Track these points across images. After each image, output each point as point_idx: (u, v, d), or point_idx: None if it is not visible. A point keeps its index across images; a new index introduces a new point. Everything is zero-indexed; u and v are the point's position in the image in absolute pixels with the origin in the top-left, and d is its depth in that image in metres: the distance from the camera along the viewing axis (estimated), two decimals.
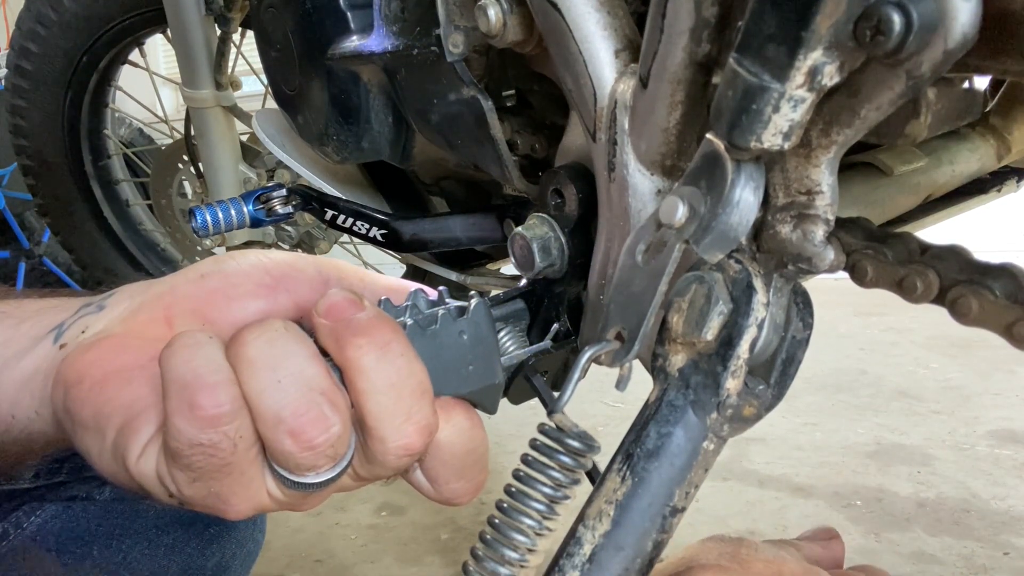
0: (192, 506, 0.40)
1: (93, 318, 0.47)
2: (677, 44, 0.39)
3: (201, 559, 0.77)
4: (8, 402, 0.47)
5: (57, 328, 0.47)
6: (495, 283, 0.79)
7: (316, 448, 0.37)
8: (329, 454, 0.38)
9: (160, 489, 0.40)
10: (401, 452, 0.39)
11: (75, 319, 0.47)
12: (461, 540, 1.35)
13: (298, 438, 0.37)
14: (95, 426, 0.41)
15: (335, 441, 0.38)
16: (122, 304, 0.47)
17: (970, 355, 1.95)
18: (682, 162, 0.44)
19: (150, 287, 0.47)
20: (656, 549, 0.42)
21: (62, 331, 0.47)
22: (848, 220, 0.45)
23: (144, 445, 0.40)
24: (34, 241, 2.66)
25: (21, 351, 0.47)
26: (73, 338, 0.46)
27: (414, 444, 0.40)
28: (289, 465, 0.38)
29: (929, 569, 1.20)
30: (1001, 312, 0.38)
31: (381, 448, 0.39)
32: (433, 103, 0.61)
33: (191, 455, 0.37)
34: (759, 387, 0.42)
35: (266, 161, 1.18)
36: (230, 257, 0.48)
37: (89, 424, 0.41)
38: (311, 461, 0.38)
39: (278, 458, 0.38)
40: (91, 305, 0.48)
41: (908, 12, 0.28)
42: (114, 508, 0.73)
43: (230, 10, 1.07)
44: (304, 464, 0.38)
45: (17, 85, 1.41)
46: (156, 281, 0.48)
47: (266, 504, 0.41)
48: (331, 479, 0.39)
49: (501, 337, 0.51)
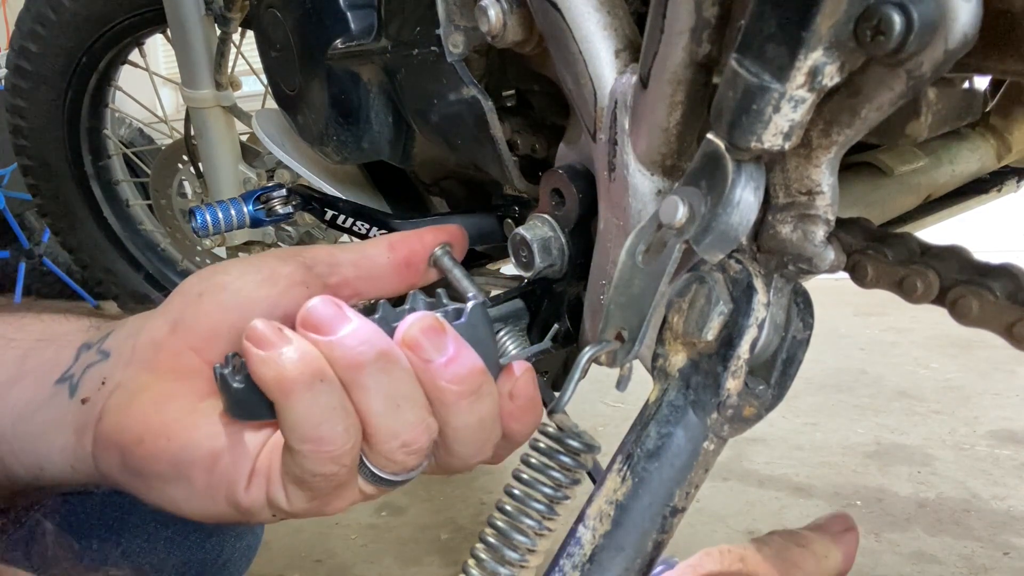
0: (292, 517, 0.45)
1: (105, 367, 0.47)
2: (677, 44, 0.39)
3: (200, 552, 0.77)
4: (32, 454, 0.48)
5: (66, 379, 0.48)
6: (495, 283, 0.79)
7: (421, 452, 0.42)
8: (426, 454, 0.43)
9: (268, 512, 0.44)
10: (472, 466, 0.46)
11: (82, 369, 0.48)
12: (461, 540, 1.35)
13: (409, 447, 0.42)
14: (178, 475, 0.43)
15: (431, 443, 0.43)
16: (128, 345, 0.47)
17: (970, 355, 1.95)
18: (682, 162, 0.44)
19: (148, 320, 0.48)
20: (656, 549, 0.42)
21: (74, 384, 0.47)
22: (848, 220, 0.45)
23: (248, 477, 0.43)
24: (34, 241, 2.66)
25: (33, 401, 0.48)
26: (93, 391, 0.46)
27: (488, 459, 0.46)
28: (392, 468, 0.42)
29: (929, 569, 1.20)
30: (1001, 312, 0.38)
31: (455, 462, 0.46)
32: (433, 103, 0.61)
33: (314, 482, 0.41)
34: (759, 387, 0.42)
35: (266, 161, 1.18)
36: (215, 271, 0.49)
37: (170, 475, 0.43)
38: (415, 462, 0.43)
39: (384, 464, 0.42)
40: (91, 349, 0.49)
41: (909, 12, 0.28)
42: (112, 502, 0.73)
43: (230, 10, 1.07)
44: (408, 466, 0.43)
45: (17, 85, 1.41)
46: (152, 314, 0.49)
47: (356, 501, 0.45)
48: (417, 473, 0.44)
49: (501, 337, 0.51)
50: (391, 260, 0.51)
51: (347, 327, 0.40)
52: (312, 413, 0.39)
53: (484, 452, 0.45)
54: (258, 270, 0.48)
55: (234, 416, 0.42)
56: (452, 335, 0.42)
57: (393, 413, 0.40)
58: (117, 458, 0.44)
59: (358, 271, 0.51)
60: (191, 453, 0.42)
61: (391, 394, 0.40)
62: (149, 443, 0.43)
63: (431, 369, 0.41)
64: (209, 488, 0.43)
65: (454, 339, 0.42)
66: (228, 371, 0.41)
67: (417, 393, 0.41)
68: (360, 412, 0.41)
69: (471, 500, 1.48)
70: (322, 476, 0.41)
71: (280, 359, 0.39)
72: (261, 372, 0.39)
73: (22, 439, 0.48)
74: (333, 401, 0.40)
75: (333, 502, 0.44)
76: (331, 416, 0.40)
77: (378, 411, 0.40)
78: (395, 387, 0.40)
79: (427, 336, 0.41)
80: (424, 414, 0.41)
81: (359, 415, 0.41)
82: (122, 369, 0.46)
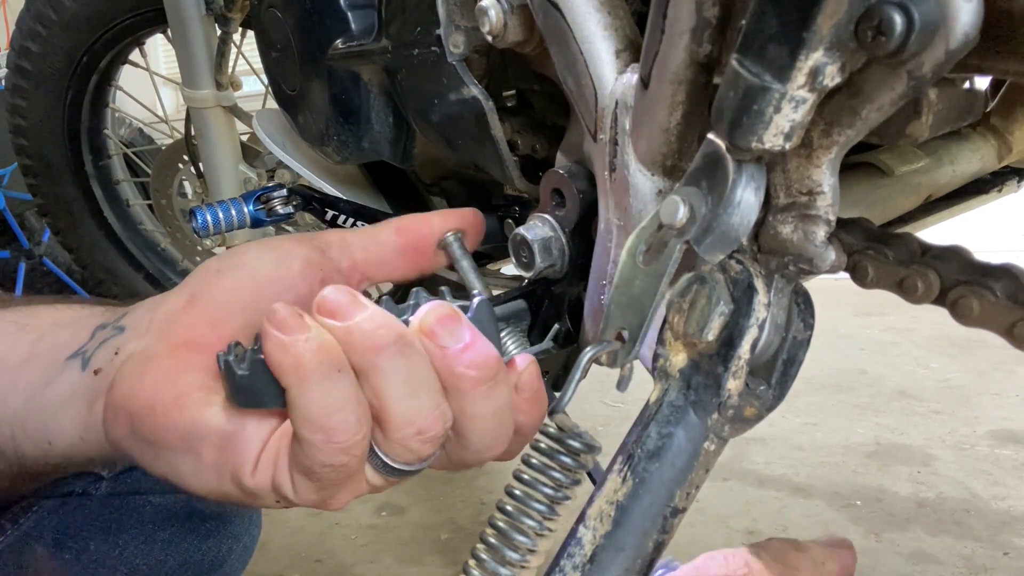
0: (298, 505, 0.44)
1: (119, 339, 0.47)
2: (678, 44, 0.39)
3: (198, 554, 0.77)
4: (41, 430, 0.48)
5: (79, 354, 0.48)
6: (495, 283, 0.79)
7: (435, 440, 0.41)
8: (439, 443, 0.42)
9: (272, 497, 0.43)
10: (484, 460, 0.45)
11: (96, 344, 0.48)
12: (461, 540, 1.35)
13: (424, 435, 0.41)
14: (186, 447, 0.43)
15: (445, 432, 0.42)
16: (144, 320, 0.47)
17: (970, 355, 1.95)
18: (683, 162, 0.44)
19: (166, 299, 0.48)
20: (657, 550, 0.42)
21: (87, 357, 0.47)
22: (849, 220, 0.45)
23: (256, 460, 0.43)
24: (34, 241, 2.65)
25: (44, 378, 0.48)
26: (106, 362, 0.46)
27: (500, 454, 0.45)
28: (406, 457, 0.42)
29: (929, 569, 1.20)
30: (1002, 313, 0.38)
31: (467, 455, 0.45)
32: (434, 103, 0.61)
33: (323, 472, 0.41)
34: (760, 387, 0.42)
35: (266, 161, 1.18)
36: (233, 252, 0.50)
37: (179, 447, 0.43)
38: (428, 451, 0.42)
39: (398, 453, 0.42)
40: (106, 327, 0.48)
41: (909, 12, 0.28)
42: (110, 503, 0.73)
43: (230, 10, 1.07)
44: (422, 455, 0.42)
45: (17, 85, 1.41)
46: (170, 292, 0.49)
47: (362, 493, 0.45)
48: (427, 464, 0.43)
49: (502, 337, 0.51)
50: (399, 244, 0.52)
51: (363, 312, 0.40)
52: (326, 403, 0.39)
53: (498, 446, 0.44)
54: (274, 251, 0.49)
55: (236, 403, 0.42)
56: (467, 323, 0.42)
57: (410, 398, 0.40)
58: (127, 425, 0.44)
59: (367, 254, 0.51)
60: (201, 428, 0.42)
61: (409, 378, 0.40)
62: (160, 413, 0.42)
63: (448, 355, 0.41)
64: (216, 466, 0.43)
65: (469, 328, 0.41)
66: (232, 358, 0.41)
67: (433, 379, 0.41)
68: (376, 397, 0.40)
69: (471, 500, 1.48)
70: (331, 467, 0.41)
71: (299, 345, 0.38)
72: (278, 357, 0.39)
73: (34, 415, 0.48)
74: (348, 391, 0.40)
75: (339, 494, 0.43)
76: (344, 406, 0.39)
77: (395, 396, 0.40)
78: (412, 371, 0.40)
79: (443, 324, 0.41)
80: (440, 400, 0.41)
81: (375, 401, 0.40)
82: (136, 340, 0.46)
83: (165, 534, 0.76)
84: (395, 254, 0.52)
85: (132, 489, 0.74)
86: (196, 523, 0.78)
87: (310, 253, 0.49)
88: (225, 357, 0.41)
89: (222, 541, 0.80)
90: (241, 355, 0.42)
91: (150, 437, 0.43)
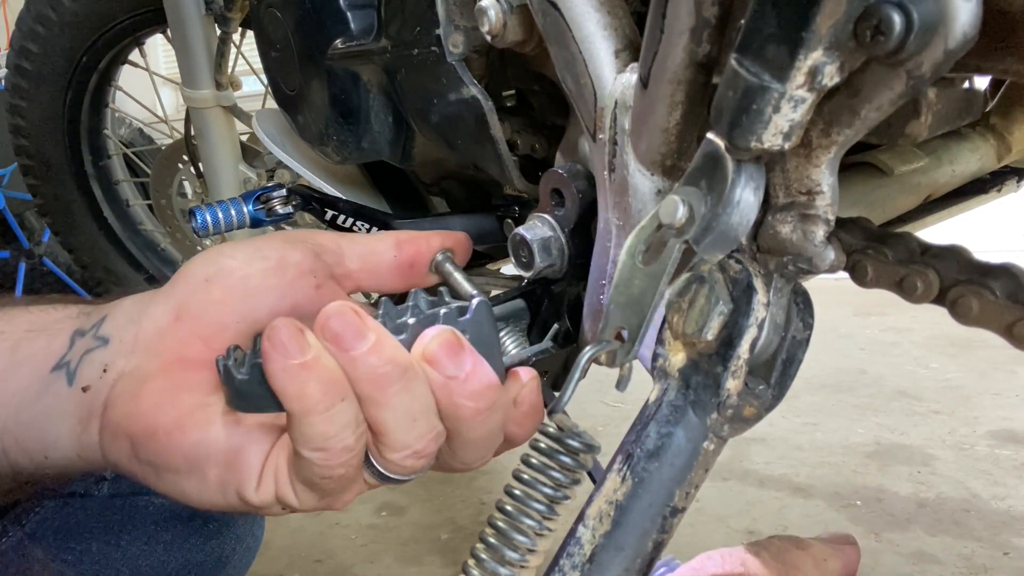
0: (303, 511, 0.45)
1: (104, 354, 0.46)
2: (677, 44, 0.39)
3: (200, 554, 0.77)
4: (35, 442, 0.48)
5: (62, 366, 0.47)
6: (495, 283, 0.79)
7: (429, 457, 0.43)
8: (433, 457, 0.43)
9: (277, 507, 0.44)
10: (472, 469, 0.47)
11: (78, 356, 0.47)
12: (461, 540, 1.35)
13: (419, 455, 0.42)
14: (191, 469, 0.43)
15: (439, 446, 0.43)
16: (129, 332, 0.46)
17: (970, 355, 1.95)
18: (682, 162, 0.44)
19: (149, 306, 0.47)
20: (656, 549, 0.42)
21: (72, 371, 0.47)
22: (848, 220, 0.45)
23: (259, 476, 0.43)
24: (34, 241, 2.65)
25: (29, 393, 0.47)
26: (94, 379, 0.46)
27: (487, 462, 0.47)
28: (400, 472, 0.43)
29: (929, 569, 1.20)
30: (1001, 312, 0.38)
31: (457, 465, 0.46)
32: (433, 103, 0.61)
33: (323, 483, 0.42)
34: (759, 387, 0.42)
35: (266, 161, 1.18)
36: (220, 254, 0.48)
37: (183, 468, 0.43)
38: (422, 466, 0.43)
39: (392, 468, 0.43)
40: (85, 335, 0.47)
41: (908, 12, 0.28)
42: (113, 504, 0.73)
43: (230, 10, 1.07)
44: (415, 469, 0.43)
45: (17, 85, 1.41)
46: (153, 299, 0.47)
47: (363, 491, 0.46)
48: (422, 473, 0.45)
49: (501, 337, 0.51)
50: (396, 259, 0.52)
51: (368, 341, 0.40)
52: (327, 429, 0.39)
53: (486, 458, 0.46)
54: (266, 257, 0.48)
55: (236, 409, 0.42)
56: (469, 350, 0.42)
57: (408, 427, 0.41)
58: (127, 448, 0.44)
59: (363, 265, 0.51)
60: (205, 449, 0.43)
61: (409, 411, 0.41)
62: (162, 436, 0.43)
63: (450, 385, 0.41)
64: (221, 483, 0.43)
65: (471, 354, 0.42)
66: (231, 363, 0.41)
67: (432, 405, 0.42)
68: (375, 424, 0.41)
69: (471, 500, 1.48)
70: (331, 479, 0.41)
71: (303, 375, 0.38)
72: (281, 383, 0.39)
73: (24, 428, 0.47)
74: (349, 417, 0.40)
75: (341, 496, 0.45)
76: (344, 430, 0.40)
77: (395, 425, 0.41)
78: (414, 404, 0.41)
79: (446, 352, 0.41)
80: (436, 422, 0.42)
81: (375, 424, 0.41)
82: (125, 357, 0.46)
83: (168, 535, 0.76)
84: (391, 268, 0.52)
85: (135, 490, 0.74)
86: (199, 524, 0.78)
87: (303, 259, 0.48)
88: (224, 362, 0.41)
89: (225, 542, 0.80)
90: (240, 359, 0.42)
91: (153, 460, 0.43)
